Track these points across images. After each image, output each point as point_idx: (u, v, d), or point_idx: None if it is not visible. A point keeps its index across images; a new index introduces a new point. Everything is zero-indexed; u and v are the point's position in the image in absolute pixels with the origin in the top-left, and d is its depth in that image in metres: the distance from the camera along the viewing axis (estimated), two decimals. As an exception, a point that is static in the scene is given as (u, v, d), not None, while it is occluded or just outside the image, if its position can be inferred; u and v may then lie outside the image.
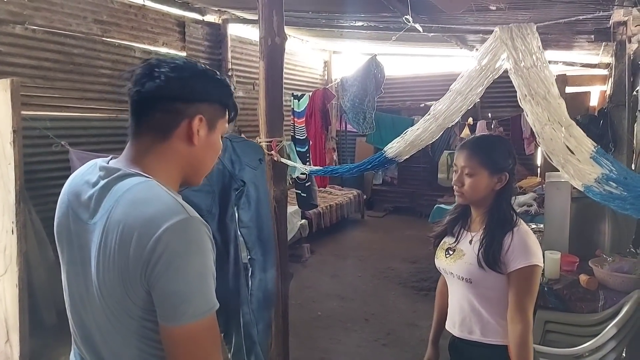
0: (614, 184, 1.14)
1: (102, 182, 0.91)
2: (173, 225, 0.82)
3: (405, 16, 1.82)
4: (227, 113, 1.03)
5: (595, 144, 1.23)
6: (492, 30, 1.47)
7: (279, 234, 2.38)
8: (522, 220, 1.44)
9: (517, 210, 4.95)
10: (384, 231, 6.97)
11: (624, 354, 1.99)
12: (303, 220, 5.68)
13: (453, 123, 1.62)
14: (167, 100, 0.92)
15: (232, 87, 1.03)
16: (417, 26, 1.84)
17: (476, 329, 1.44)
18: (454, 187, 1.47)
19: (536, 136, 1.32)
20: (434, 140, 1.69)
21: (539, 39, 1.36)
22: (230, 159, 1.98)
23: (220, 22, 5.86)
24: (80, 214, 0.94)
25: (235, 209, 2.05)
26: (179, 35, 5.35)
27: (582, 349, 1.69)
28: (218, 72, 1.00)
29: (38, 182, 3.81)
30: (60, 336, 3.46)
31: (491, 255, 1.36)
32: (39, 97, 3.95)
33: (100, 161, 0.97)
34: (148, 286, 0.84)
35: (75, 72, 4.27)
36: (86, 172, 0.98)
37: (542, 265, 1.37)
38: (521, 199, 4.95)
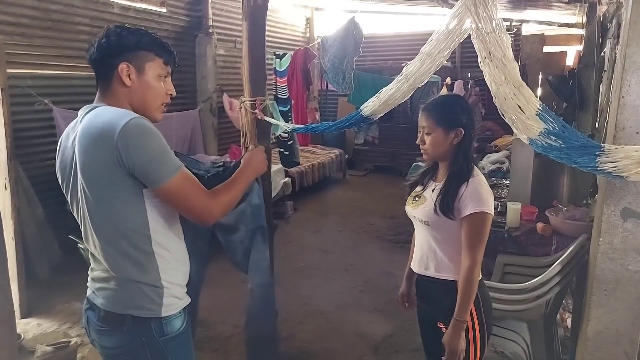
0: (554, 137, 1.31)
1: (80, 118, 1.24)
2: (128, 122, 1.12)
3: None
4: (157, 56, 1.27)
5: (541, 103, 1.40)
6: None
7: (264, 190, 2.54)
8: (479, 172, 1.60)
9: (490, 168, 5.13)
10: (364, 189, 7.20)
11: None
12: (286, 179, 5.83)
13: (423, 83, 1.76)
14: (102, 59, 1.24)
15: (152, 35, 1.28)
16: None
17: (431, 266, 1.64)
18: (420, 146, 1.64)
19: (493, 96, 1.48)
20: (405, 99, 1.83)
21: (498, 6, 1.49)
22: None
23: (200, -23, 5.74)
24: (67, 144, 1.25)
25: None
26: (158, -10, 5.25)
27: (531, 284, 1.92)
28: (140, 27, 1.29)
29: (23, 141, 3.82)
30: (53, 288, 3.64)
31: (445, 204, 1.53)
32: (19, 54, 3.90)
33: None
34: (128, 169, 1.13)
35: (54, 29, 4.20)
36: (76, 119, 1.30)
37: (492, 212, 1.54)
38: (494, 156, 5.16)
